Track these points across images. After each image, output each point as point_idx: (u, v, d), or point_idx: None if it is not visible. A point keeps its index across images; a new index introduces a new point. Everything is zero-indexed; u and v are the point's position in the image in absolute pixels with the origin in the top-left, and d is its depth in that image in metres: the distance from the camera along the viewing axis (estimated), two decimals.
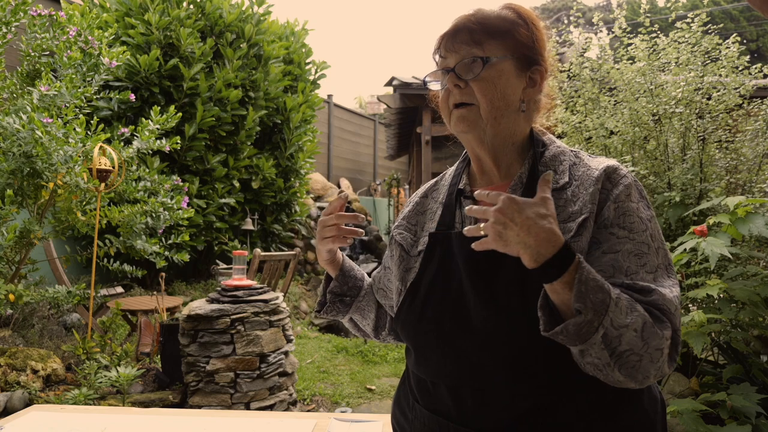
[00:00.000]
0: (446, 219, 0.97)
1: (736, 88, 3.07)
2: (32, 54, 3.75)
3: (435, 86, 0.98)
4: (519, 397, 0.82)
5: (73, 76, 3.49)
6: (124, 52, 3.96)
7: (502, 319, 0.82)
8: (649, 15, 3.46)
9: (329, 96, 12.22)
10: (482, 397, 0.84)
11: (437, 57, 0.95)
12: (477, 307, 0.85)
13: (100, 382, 2.97)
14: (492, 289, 0.84)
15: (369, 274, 1.20)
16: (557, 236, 0.71)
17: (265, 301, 3.20)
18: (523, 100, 0.92)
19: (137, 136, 3.91)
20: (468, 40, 0.90)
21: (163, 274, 4.29)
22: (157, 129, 3.93)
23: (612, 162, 0.88)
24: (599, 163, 0.88)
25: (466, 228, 0.78)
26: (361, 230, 1.04)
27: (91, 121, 3.87)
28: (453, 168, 1.06)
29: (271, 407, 3.09)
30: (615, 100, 3.43)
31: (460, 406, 0.86)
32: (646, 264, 0.80)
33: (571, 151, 0.94)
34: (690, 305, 2.61)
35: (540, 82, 0.93)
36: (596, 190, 0.84)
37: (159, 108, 4.05)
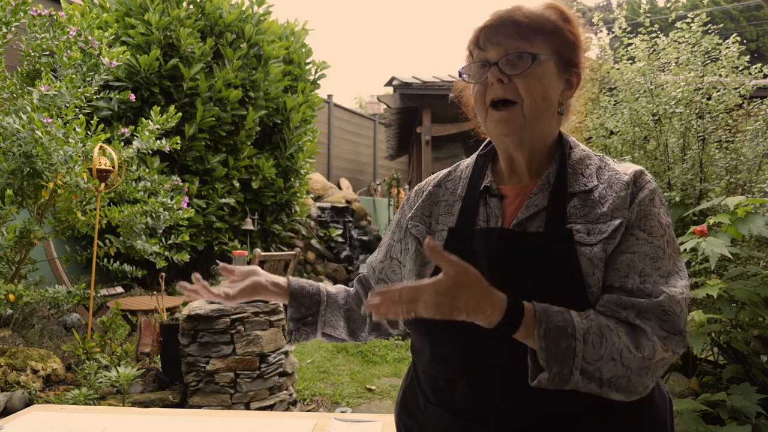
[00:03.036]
0: (467, 215, 0.95)
1: (736, 88, 3.07)
2: (32, 54, 3.75)
3: (470, 80, 0.92)
4: (539, 394, 0.82)
5: (73, 76, 3.49)
6: (124, 52, 3.96)
7: None
8: (649, 15, 3.46)
9: (329, 96, 12.21)
10: (502, 394, 0.84)
11: (474, 49, 0.91)
12: None
13: (100, 382, 2.96)
14: (516, 288, 0.83)
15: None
16: (498, 300, 0.74)
17: (265, 301, 3.20)
18: (561, 103, 0.92)
19: (137, 136, 3.91)
20: (514, 34, 0.86)
21: (163, 274, 4.29)
22: (157, 129, 3.93)
23: (638, 167, 0.90)
24: (627, 167, 0.90)
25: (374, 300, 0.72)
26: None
27: (91, 121, 3.87)
28: (470, 160, 1.04)
29: (271, 407, 3.09)
30: (615, 100, 3.43)
31: (478, 404, 0.86)
32: (661, 268, 0.82)
33: (596, 155, 0.95)
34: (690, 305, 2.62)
35: (576, 85, 0.94)
36: (627, 194, 0.85)
37: (159, 108, 4.06)
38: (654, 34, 3.39)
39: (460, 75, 0.94)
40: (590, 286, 0.81)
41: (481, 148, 1.04)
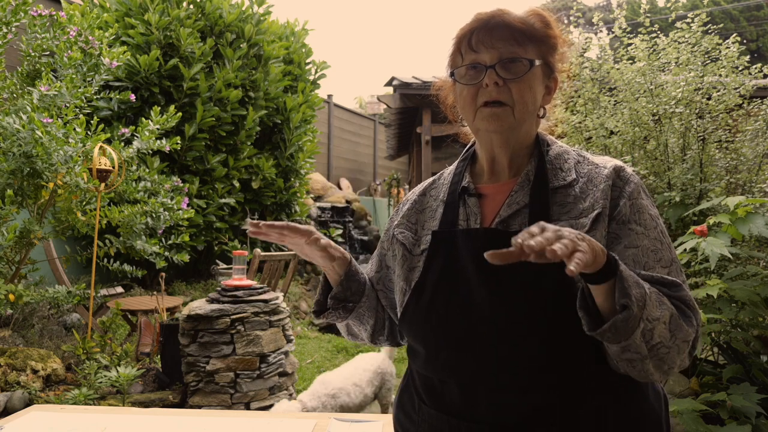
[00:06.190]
0: (449, 217, 0.96)
1: (736, 88, 3.07)
2: (32, 54, 3.75)
3: (462, 81, 0.92)
4: (531, 393, 0.82)
5: (74, 76, 3.49)
6: (124, 52, 3.96)
7: (514, 317, 0.83)
8: (649, 15, 3.46)
9: (329, 96, 12.21)
10: (495, 393, 0.84)
11: (466, 50, 0.91)
12: (488, 304, 0.85)
13: (100, 382, 2.97)
14: (503, 287, 0.84)
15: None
16: (602, 250, 0.70)
17: (265, 301, 3.20)
18: (542, 106, 0.95)
19: (137, 136, 3.91)
20: (509, 38, 0.88)
21: (163, 274, 4.29)
22: (157, 129, 3.93)
23: (617, 161, 0.91)
24: (605, 161, 0.91)
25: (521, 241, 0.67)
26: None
27: (91, 121, 3.87)
28: (452, 167, 1.06)
29: (271, 407, 3.09)
30: (615, 100, 3.43)
31: (471, 403, 0.86)
32: (661, 259, 0.84)
33: (574, 150, 0.96)
34: None
35: (554, 90, 0.96)
36: (607, 186, 0.86)
37: (159, 108, 4.06)
38: (654, 34, 3.39)
39: (451, 75, 0.95)
40: (575, 282, 0.81)
41: (462, 153, 1.06)
